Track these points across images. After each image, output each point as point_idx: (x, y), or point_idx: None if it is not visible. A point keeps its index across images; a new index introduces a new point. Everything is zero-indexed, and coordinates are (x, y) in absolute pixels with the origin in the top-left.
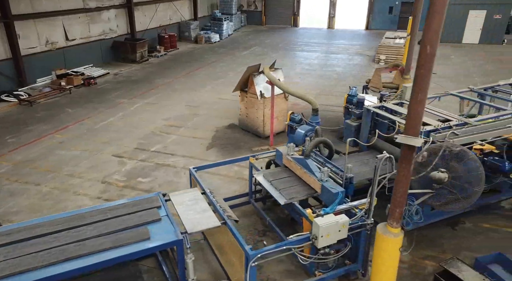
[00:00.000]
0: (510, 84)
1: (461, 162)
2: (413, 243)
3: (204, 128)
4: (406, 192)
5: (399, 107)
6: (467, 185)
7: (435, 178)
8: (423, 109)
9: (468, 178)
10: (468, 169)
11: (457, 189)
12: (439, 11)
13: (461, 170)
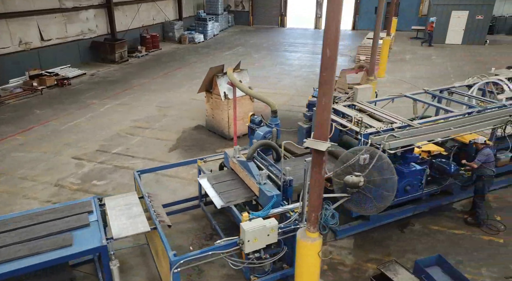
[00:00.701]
0: (466, 85)
1: (376, 167)
2: (353, 246)
3: (170, 130)
4: (321, 196)
5: (347, 109)
6: (381, 190)
7: (348, 182)
8: (329, 113)
9: (382, 183)
10: (383, 173)
11: (372, 193)
12: (335, 16)
13: (376, 174)
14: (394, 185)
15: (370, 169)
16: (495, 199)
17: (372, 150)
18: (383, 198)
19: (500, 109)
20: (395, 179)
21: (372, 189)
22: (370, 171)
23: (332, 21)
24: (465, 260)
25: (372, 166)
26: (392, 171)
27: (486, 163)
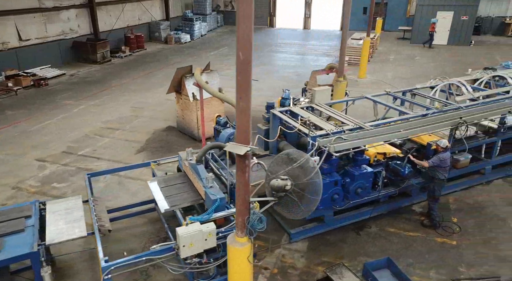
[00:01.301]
0: (430, 87)
1: (302, 170)
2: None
3: (141, 131)
4: (247, 201)
5: (304, 111)
6: (307, 193)
7: (273, 186)
8: (247, 117)
9: (307, 186)
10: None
11: (298, 197)
12: (247, 19)
13: (302, 178)
14: (319, 189)
15: (290, 172)
16: (454, 201)
17: (299, 154)
18: (309, 202)
19: (455, 111)
20: (319, 183)
21: (298, 193)
22: (297, 175)
23: (244, 23)
24: (416, 262)
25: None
26: (317, 175)
27: (439, 167)
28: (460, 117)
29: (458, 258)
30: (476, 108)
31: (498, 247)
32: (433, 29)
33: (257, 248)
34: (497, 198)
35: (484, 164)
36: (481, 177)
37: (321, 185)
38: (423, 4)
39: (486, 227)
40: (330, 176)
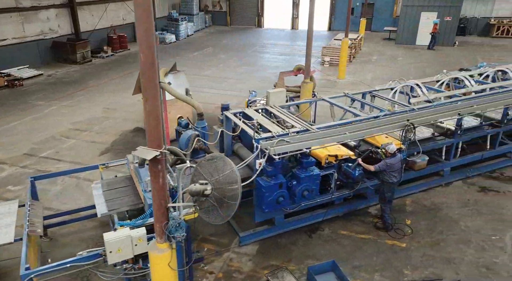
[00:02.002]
0: (391, 88)
1: (221, 174)
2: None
3: (109, 132)
4: (164, 206)
5: (256, 113)
6: (226, 199)
7: (191, 191)
8: (156, 120)
9: (225, 191)
10: (227, 181)
11: (218, 202)
12: (146, 21)
13: (222, 182)
14: (236, 194)
15: (219, 177)
16: (411, 202)
17: (220, 157)
18: (228, 208)
19: (405, 114)
20: (236, 188)
21: (218, 198)
22: (216, 179)
23: (143, 24)
24: (363, 265)
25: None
26: (235, 179)
27: (387, 171)
28: (407, 119)
29: (405, 260)
30: (429, 110)
31: (446, 249)
32: (436, 30)
33: (206, 252)
34: (454, 200)
35: (443, 165)
36: (440, 179)
37: (240, 191)
38: (407, 4)
39: (438, 229)
40: (275, 179)
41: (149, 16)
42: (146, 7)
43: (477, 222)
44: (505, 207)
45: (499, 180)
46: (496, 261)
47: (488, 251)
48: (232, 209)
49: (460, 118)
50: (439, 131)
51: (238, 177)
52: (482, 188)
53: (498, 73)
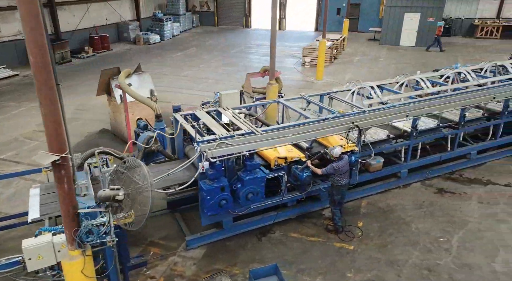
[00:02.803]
0: (352, 90)
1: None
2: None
3: (74, 134)
4: (72, 213)
5: (206, 115)
6: (136, 204)
7: (100, 197)
8: (55, 124)
9: (137, 196)
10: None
11: (130, 207)
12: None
13: (134, 187)
14: (146, 199)
15: (126, 181)
16: (366, 204)
17: (132, 161)
18: (139, 213)
19: (353, 116)
20: (147, 194)
21: (130, 203)
22: (127, 184)
23: (28, 24)
24: (307, 268)
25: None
26: (146, 185)
27: (334, 174)
28: (353, 122)
29: (350, 263)
30: (379, 112)
31: (392, 252)
32: (440, 33)
33: (151, 256)
34: (409, 201)
35: (400, 167)
36: (398, 181)
37: (150, 196)
38: (391, 5)
39: (388, 231)
40: (217, 182)
41: (35, 14)
42: (31, 4)
43: (428, 224)
44: (458, 209)
45: (458, 181)
46: (439, 263)
47: (433, 253)
48: (143, 215)
49: (415, 119)
50: (396, 132)
51: (149, 182)
52: (439, 190)
53: (457, 75)
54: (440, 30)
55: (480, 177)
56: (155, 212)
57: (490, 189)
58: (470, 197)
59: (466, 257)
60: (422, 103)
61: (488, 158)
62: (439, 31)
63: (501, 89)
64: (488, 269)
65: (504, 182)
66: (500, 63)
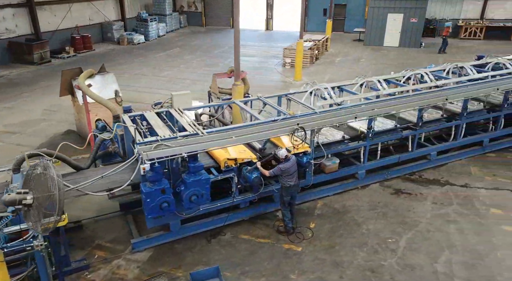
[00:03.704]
0: (308, 91)
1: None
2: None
3: (40, 135)
4: None
5: (154, 116)
6: (43, 208)
7: (5, 200)
8: None
9: (45, 200)
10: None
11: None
12: None
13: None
14: (54, 203)
15: (39, 186)
16: (322, 205)
17: (42, 164)
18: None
19: (304, 117)
20: (55, 196)
21: (38, 207)
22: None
23: None
24: (252, 270)
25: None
26: (56, 187)
27: (282, 175)
28: (298, 123)
29: (295, 265)
30: (330, 113)
31: (339, 253)
32: (447, 33)
33: (96, 259)
34: (365, 202)
35: (357, 168)
36: (357, 181)
37: (58, 199)
38: (374, 6)
39: (338, 232)
40: (157, 184)
41: None
42: None
43: (379, 225)
44: (411, 210)
45: (416, 182)
46: (384, 264)
47: (379, 254)
48: (52, 219)
49: (370, 120)
50: (353, 133)
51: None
52: (396, 191)
53: (418, 75)
54: (447, 30)
55: (439, 178)
56: (107, 214)
57: (446, 189)
58: (425, 198)
59: (411, 257)
60: (373, 105)
61: (450, 159)
62: (447, 32)
63: (453, 91)
64: (429, 270)
65: (461, 182)
66: (461, 65)
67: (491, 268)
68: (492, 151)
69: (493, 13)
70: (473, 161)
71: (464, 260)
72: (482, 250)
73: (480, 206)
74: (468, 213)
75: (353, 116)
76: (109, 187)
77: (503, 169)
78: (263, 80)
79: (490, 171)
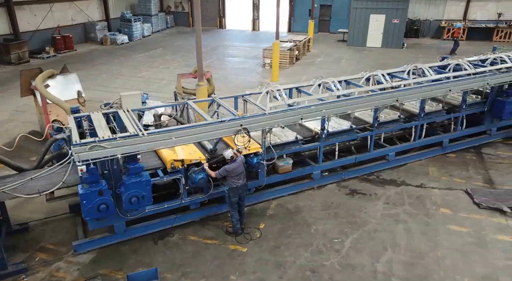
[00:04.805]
0: (264, 92)
1: None
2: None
3: (2, 136)
4: None
5: (100, 117)
6: None
7: None
8: None
9: None
10: None
11: None
12: None
13: None
14: None
15: None
16: (275, 206)
17: None
18: None
19: (254, 118)
20: None
21: None
22: None
23: None
24: (193, 271)
25: None
26: None
27: (228, 176)
28: (241, 124)
29: (238, 265)
30: (278, 114)
31: (283, 253)
32: (458, 35)
33: (36, 261)
34: (319, 203)
35: (312, 169)
36: (313, 182)
37: None
38: (357, 7)
39: (287, 233)
40: (94, 186)
41: None
42: None
43: (328, 225)
44: (363, 210)
45: (373, 182)
46: (325, 264)
47: (323, 254)
48: None
49: (323, 121)
50: (309, 134)
51: None
52: (352, 191)
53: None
54: (459, 32)
55: (396, 178)
56: (56, 216)
57: (401, 190)
58: (379, 198)
59: (354, 257)
60: (322, 106)
61: (410, 159)
62: (458, 33)
63: (404, 92)
64: (369, 269)
65: (417, 183)
66: (420, 66)
67: (429, 267)
68: (453, 151)
69: (475, 14)
70: (433, 162)
71: (405, 259)
72: (424, 249)
73: (431, 206)
74: (417, 213)
75: (299, 117)
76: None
77: (460, 170)
78: (241, 80)
79: (447, 171)
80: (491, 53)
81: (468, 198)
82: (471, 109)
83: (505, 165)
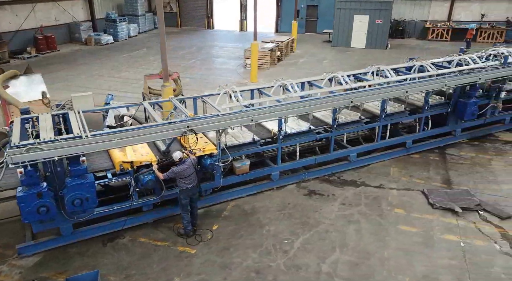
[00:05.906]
0: (221, 93)
1: None
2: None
3: None
4: None
5: (48, 118)
6: None
7: None
8: None
9: None
10: None
11: None
12: None
13: None
14: None
15: None
16: (232, 207)
17: None
18: None
19: (205, 119)
20: None
21: None
22: None
23: None
24: (138, 273)
25: None
26: None
27: (178, 178)
28: (187, 126)
29: (184, 267)
30: (230, 116)
31: (231, 255)
32: (471, 36)
33: None
34: (275, 204)
35: (270, 170)
36: (272, 183)
37: None
38: (341, 7)
39: (239, 234)
40: (33, 188)
41: None
42: None
43: (281, 226)
44: (317, 211)
45: (333, 183)
46: (271, 265)
47: (271, 255)
48: None
49: (280, 122)
50: (268, 135)
51: None
52: (310, 192)
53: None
54: (471, 33)
55: (357, 179)
56: (6, 219)
57: (360, 190)
58: (336, 198)
59: (301, 258)
60: (276, 107)
61: (373, 160)
62: (470, 34)
63: (360, 94)
64: (314, 270)
65: (376, 183)
66: (383, 67)
67: (373, 267)
68: (418, 152)
69: (459, 15)
70: (396, 162)
71: (351, 259)
72: (371, 249)
73: (386, 206)
74: (371, 214)
75: (250, 118)
76: None
77: (421, 170)
78: (220, 81)
79: (408, 172)
80: (457, 55)
81: (424, 198)
82: (434, 110)
83: (466, 165)
